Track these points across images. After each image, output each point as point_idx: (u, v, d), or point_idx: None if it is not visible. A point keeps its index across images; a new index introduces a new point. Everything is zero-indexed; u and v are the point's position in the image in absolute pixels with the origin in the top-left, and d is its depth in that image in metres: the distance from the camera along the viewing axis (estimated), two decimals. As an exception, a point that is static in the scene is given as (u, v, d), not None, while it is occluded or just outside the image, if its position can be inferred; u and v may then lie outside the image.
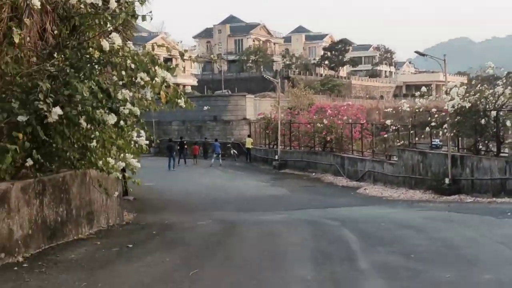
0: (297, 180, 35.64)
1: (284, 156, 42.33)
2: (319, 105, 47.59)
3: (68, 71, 8.61)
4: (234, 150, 48.81)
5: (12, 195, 8.32)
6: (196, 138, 51.95)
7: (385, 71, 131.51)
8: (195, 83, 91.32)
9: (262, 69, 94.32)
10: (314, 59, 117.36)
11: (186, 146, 46.05)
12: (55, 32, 9.25)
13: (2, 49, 8.46)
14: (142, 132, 12.28)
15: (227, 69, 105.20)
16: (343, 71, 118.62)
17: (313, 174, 37.85)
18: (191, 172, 41.14)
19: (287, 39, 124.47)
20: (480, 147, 25.07)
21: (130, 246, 9.59)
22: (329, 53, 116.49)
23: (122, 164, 11.68)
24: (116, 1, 8.94)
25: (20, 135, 8.09)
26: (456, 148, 26.20)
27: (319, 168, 38.35)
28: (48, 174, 9.53)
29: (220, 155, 45.22)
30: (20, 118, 8.08)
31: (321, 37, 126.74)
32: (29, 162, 8.52)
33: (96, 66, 9.21)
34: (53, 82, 8.58)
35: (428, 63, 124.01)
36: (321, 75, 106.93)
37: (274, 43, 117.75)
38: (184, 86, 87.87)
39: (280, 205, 22.93)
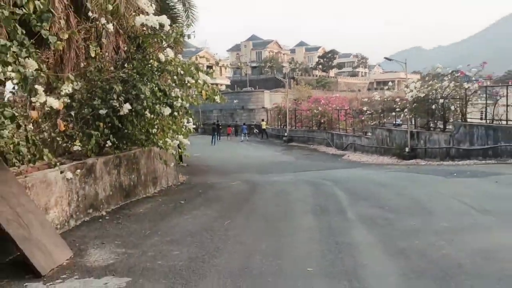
0: (301, 150, 35.22)
1: (291, 134, 41.92)
2: (315, 97, 46.94)
3: (135, 76, 8.28)
4: (257, 130, 48.45)
5: (97, 167, 8.02)
6: (230, 122, 51.69)
7: (362, 72, 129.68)
8: (228, 83, 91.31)
9: (275, 72, 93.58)
10: (312, 65, 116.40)
11: (221, 127, 45.83)
12: (125, 48, 8.90)
13: (88, 61, 8.15)
14: (190, 119, 11.97)
15: (250, 72, 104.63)
16: (332, 72, 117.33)
17: (311, 145, 37.48)
18: (226, 146, 40.84)
19: (292, 51, 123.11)
20: (431, 125, 24.51)
21: (182, 202, 9.27)
22: (322, 60, 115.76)
23: (177, 142, 11.42)
24: (169, 25, 8.54)
25: (101, 124, 7.80)
26: (413, 126, 25.58)
27: (316, 142, 37.92)
28: (123, 151, 9.22)
29: (246, 134, 45.14)
30: (101, 112, 7.79)
31: (316, 49, 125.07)
32: (108, 143, 8.23)
33: (156, 73, 8.86)
34: (124, 85, 8.24)
35: (393, 65, 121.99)
36: (316, 76, 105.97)
37: (283, 54, 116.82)
38: (220, 85, 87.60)
39: (288, 168, 22.53)
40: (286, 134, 41.89)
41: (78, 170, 7.24)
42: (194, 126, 13.24)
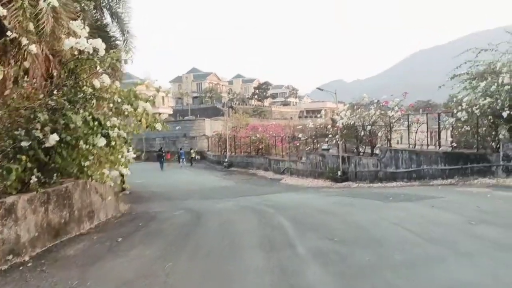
0: (240, 175, 34.29)
1: (231, 159, 40.93)
2: (253, 124, 46.53)
3: (64, 104, 6.91)
4: (198, 156, 47.01)
5: (19, 206, 6.47)
6: (172, 149, 49.84)
7: (293, 101, 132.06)
8: (171, 112, 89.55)
9: (215, 102, 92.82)
10: (248, 95, 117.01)
11: (164, 154, 44.07)
12: (55, 74, 7.51)
13: (11, 88, 6.71)
14: (130, 149, 10.66)
15: (192, 102, 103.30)
16: (267, 102, 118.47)
17: (251, 170, 36.69)
18: (169, 171, 39.11)
19: (230, 82, 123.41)
20: (360, 150, 24.50)
21: (119, 240, 7.79)
22: (257, 91, 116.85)
23: (116, 173, 10.06)
24: (104, 49, 7.34)
25: (24, 157, 6.33)
26: (344, 151, 25.47)
27: (254, 166, 37.16)
28: (52, 186, 7.73)
29: (184, 159, 43.86)
30: (23, 144, 6.31)
31: (251, 80, 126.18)
32: (33, 179, 6.74)
33: (89, 100, 7.52)
34: (53, 114, 6.86)
35: (319, 95, 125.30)
36: (253, 105, 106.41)
37: (222, 85, 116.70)
38: (164, 114, 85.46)
39: (230, 194, 21.45)
40: (226, 160, 40.84)
41: (-7, 212, 5.76)
42: (135, 156, 11.90)
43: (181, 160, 43.71)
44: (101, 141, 7.21)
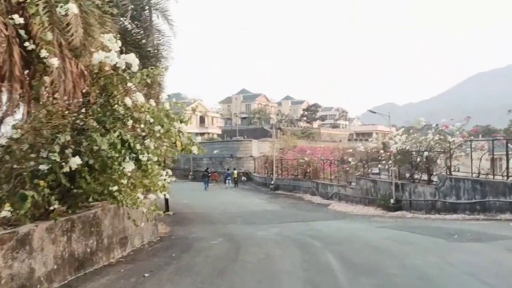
0: (286, 199, 33.09)
1: (277, 182, 39.79)
2: (301, 147, 45.31)
3: (92, 124, 6.26)
4: (244, 177, 46.26)
5: (35, 236, 5.78)
6: (219, 169, 49.49)
7: (342, 124, 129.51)
8: (220, 132, 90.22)
9: (263, 123, 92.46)
10: (297, 117, 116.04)
11: (209, 174, 43.75)
12: (85, 90, 6.91)
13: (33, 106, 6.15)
14: (169, 171, 9.91)
15: (240, 123, 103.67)
16: (316, 124, 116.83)
17: (297, 194, 35.38)
18: (215, 192, 38.56)
19: (279, 104, 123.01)
20: (415, 177, 22.70)
21: (147, 275, 6.99)
22: (306, 113, 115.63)
23: (154, 196, 9.38)
24: (138, 66, 6.70)
25: (41, 183, 5.67)
26: (397, 177, 23.73)
27: (301, 190, 35.81)
28: (79, 212, 7.07)
29: (230, 180, 43.31)
30: (42, 167, 5.67)
31: (300, 102, 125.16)
32: (54, 205, 6.06)
33: (120, 120, 6.85)
34: (78, 135, 6.23)
35: (370, 119, 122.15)
36: (301, 127, 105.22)
37: (271, 106, 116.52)
38: (212, 134, 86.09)
39: (274, 219, 20.38)
40: (272, 182, 39.76)
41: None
42: (174, 179, 11.18)
43: (227, 181, 43.23)
44: (129, 166, 6.48)
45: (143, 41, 11.53)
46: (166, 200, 23.92)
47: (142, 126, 6.90)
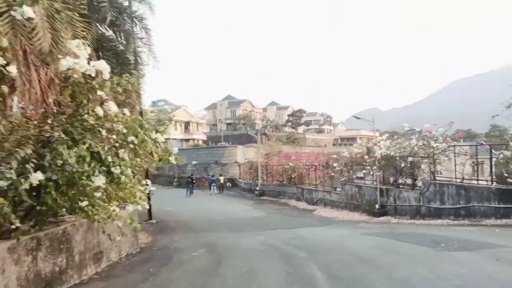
0: (272, 205, 32.71)
1: (263, 188, 39.45)
2: (286, 152, 45.08)
3: (56, 136, 5.81)
4: (229, 183, 45.78)
5: (-5, 257, 5.38)
6: (204, 175, 48.91)
7: (327, 129, 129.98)
8: (205, 138, 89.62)
9: (248, 129, 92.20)
10: (282, 122, 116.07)
11: (194, 181, 43.18)
12: (53, 99, 6.46)
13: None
14: (148, 181, 9.50)
15: (226, 129, 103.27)
16: (301, 129, 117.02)
17: (282, 200, 35.08)
18: (199, 199, 37.98)
19: (264, 109, 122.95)
20: (400, 182, 22.58)
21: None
22: (291, 118, 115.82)
23: (131, 208, 8.93)
24: (116, 73, 6.30)
25: (1, 200, 5.20)
26: (381, 183, 23.58)
27: (286, 196, 35.53)
28: (46, 228, 6.59)
29: (215, 187, 42.82)
30: (1, 183, 5.21)
31: (286, 108, 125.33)
32: (14, 224, 5.57)
33: (89, 131, 6.40)
34: (42, 148, 5.78)
35: (354, 124, 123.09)
36: (286, 132, 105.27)
37: (256, 112, 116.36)
38: (197, 140, 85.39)
39: (259, 225, 20.02)
40: (257, 188, 39.38)
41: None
42: (154, 188, 10.73)
43: (212, 187, 42.74)
44: (99, 180, 6.02)
45: (121, 48, 11.09)
46: (149, 208, 23.45)
47: (115, 137, 6.46)
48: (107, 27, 11.26)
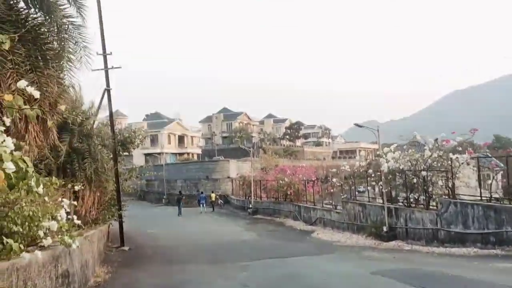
0: (266, 225, 29.43)
1: (256, 205, 36.02)
2: (281, 167, 41.70)
3: None
4: (221, 200, 42.30)
5: None
6: (194, 192, 45.43)
7: (325, 142, 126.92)
8: (200, 152, 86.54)
9: (245, 142, 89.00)
10: (279, 135, 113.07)
11: (183, 198, 39.80)
12: None
13: None
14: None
15: (222, 142, 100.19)
16: (299, 142, 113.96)
17: (278, 219, 31.76)
18: (187, 218, 34.62)
19: (261, 122, 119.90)
20: (411, 201, 19.18)
21: None
22: (289, 131, 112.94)
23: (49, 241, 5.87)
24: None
25: None
26: (389, 201, 20.23)
27: (282, 214, 32.12)
28: None
29: (205, 204, 39.39)
30: None
31: (283, 120, 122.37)
32: None
33: None
34: None
35: (353, 136, 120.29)
36: (284, 145, 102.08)
37: (253, 125, 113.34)
38: (192, 154, 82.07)
39: (247, 253, 17.29)
40: (250, 206, 35.95)
41: None
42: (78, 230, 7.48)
43: (201, 204, 39.16)
44: None
45: (42, 29, 7.91)
46: (121, 234, 20.10)
47: None
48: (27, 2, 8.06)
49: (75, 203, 9.61)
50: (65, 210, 7.72)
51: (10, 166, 3.36)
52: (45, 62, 7.70)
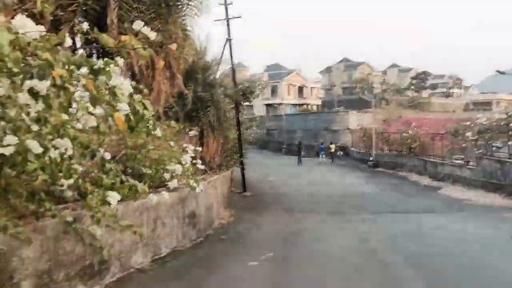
0: (387, 178, 27.99)
1: (378, 158, 34.44)
2: (405, 118, 39.04)
3: None
4: (340, 152, 41.46)
5: None
6: (312, 142, 45.23)
7: (456, 93, 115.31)
8: (319, 103, 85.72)
9: (365, 93, 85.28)
10: (404, 86, 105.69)
11: (303, 148, 40.02)
12: None
13: None
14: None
15: (342, 93, 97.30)
16: (425, 93, 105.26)
17: (400, 172, 29.91)
18: (307, 168, 34.57)
19: (384, 72, 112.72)
20: None
21: None
22: (414, 81, 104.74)
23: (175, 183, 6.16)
24: None
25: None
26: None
27: (406, 168, 30.21)
28: None
29: (324, 155, 39.05)
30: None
31: (408, 70, 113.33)
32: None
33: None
34: None
35: (490, 87, 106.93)
36: (409, 96, 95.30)
37: (375, 75, 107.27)
38: (311, 105, 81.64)
39: (369, 207, 16.40)
40: (371, 159, 34.56)
41: None
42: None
43: (320, 155, 38.99)
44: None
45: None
46: (243, 180, 20.91)
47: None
48: None
49: (200, 149, 9.96)
50: (190, 155, 7.98)
51: (123, 107, 3.30)
52: (168, 8, 7.76)
